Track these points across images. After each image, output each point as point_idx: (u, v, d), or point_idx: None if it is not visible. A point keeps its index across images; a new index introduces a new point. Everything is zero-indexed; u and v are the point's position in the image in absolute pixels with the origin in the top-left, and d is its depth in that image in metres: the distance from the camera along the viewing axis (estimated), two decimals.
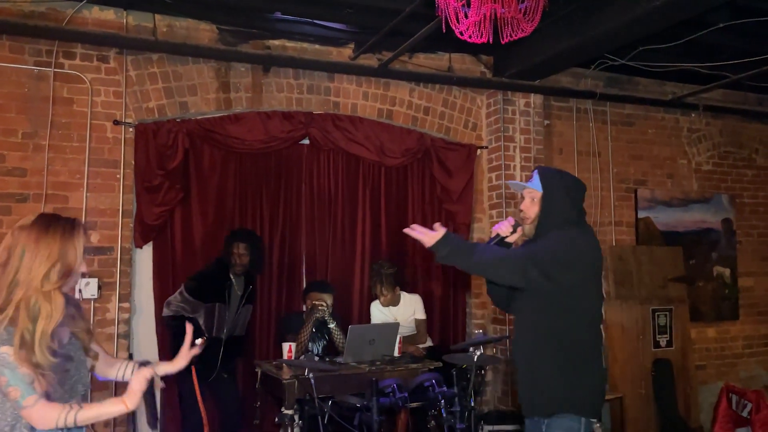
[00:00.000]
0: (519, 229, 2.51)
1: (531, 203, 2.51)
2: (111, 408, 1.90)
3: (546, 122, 5.49)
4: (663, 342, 5.30)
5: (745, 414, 4.44)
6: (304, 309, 4.42)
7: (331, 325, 4.27)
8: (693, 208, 6.02)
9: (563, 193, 2.49)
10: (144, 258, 4.42)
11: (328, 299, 4.29)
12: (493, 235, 2.53)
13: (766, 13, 4.28)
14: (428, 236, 2.41)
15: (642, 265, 5.48)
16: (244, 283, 4.31)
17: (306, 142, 4.83)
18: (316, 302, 4.23)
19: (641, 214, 5.81)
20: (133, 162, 4.33)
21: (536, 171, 2.56)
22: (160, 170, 4.31)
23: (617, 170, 5.79)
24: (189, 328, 2.24)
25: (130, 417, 4.17)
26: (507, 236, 2.50)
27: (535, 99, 5.35)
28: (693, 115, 6.08)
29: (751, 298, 6.25)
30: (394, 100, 5.07)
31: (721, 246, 6.12)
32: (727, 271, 6.12)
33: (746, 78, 5.29)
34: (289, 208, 4.78)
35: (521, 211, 2.54)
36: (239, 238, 4.28)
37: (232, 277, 4.26)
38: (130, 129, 4.32)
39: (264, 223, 4.69)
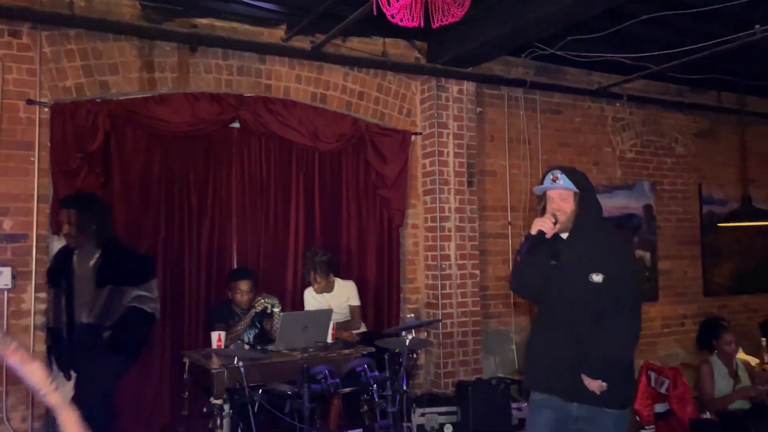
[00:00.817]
0: (557, 225, 2.66)
1: (563, 201, 2.68)
2: None
3: (478, 109, 5.56)
4: None
5: (663, 390, 4.65)
6: (230, 297, 4.31)
7: (276, 310, 4.19)
8: (617, 194, 6.26)
9: (592, 190, 2.76)
10: (62, 246, 4.19)
11: (244, 285, 4.21)
12: (534, 232, 2.64)
13: (686, 5, 4.47)
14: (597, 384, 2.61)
15: None
16: (98, 258, 3.66)
17: (236, 125, 4.69)
18: (256, 303, 4.13)
19: None
20: (48, 144, 4.08)
21: (560, 171, 2.70)
22: (79, 153, 4.09)
23: (546, 157, 5.93)
24: None
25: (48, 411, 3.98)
26: (548, 232, 2.65)
27: (468, 86, 5.41)
28: (617, 104, 6.30)
29: (670, 281, 6.58)
30: (327, 84, 5.00)
31: (643, 231, 6.40)
32: (647, 255, 6.41)
33: (667, 69, 5.52)
34: (219, 194, 4.65)
35: (557, 210, 2.68)
36: (65, 204, 3.72)
37: (74, 254, 3.71)
38: (45, 109, 4.07)
39: (192, 209, 4.54)
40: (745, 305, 7.05)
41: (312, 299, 4.58)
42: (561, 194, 2.68)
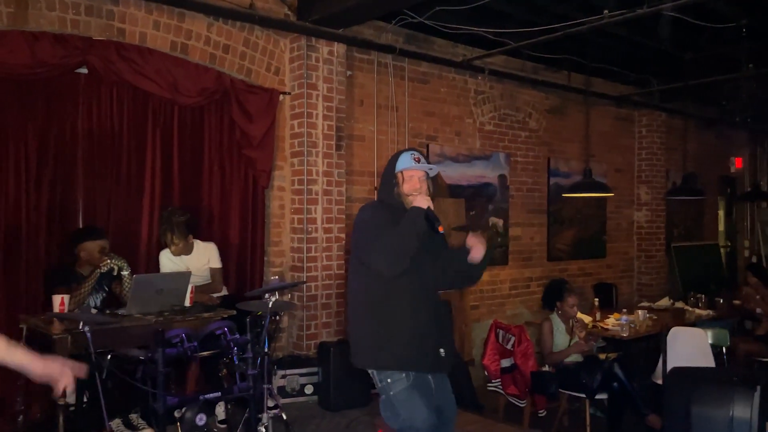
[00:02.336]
0: None
1: (423, 183, 2.73)
2: None
3: (349, 73, 5.53)
4: None
5: (509, 346, 5.03)
6: (78, 258, 3.98)
7: (125, 273, 3.93)
8: (475, 164, 6.58)
9: None
10: None
11: (105, 245, 3.92)
12: (426, 206, 2.59)
13: None
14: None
15: None
16: None
17: (84, 71, 4.27)
18: (102, 264, 3.83)
19: None
20: None
21: (420, 154, 2.77)
22: None
23: (412, 125, 6.07)
24: None
25: None
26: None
27: (339, 48, 5.34)
28: (479, 77, 6.57)
29: (519, 246, 7.08)
30: (189, 34, 4.69)
31: (497, 199, 6.80)
32: (500, 222, 6.84)
33: (524, 46, 5.83)
34: (63, 146, 4.22)
35: (420, 190, 2.69)
36: None
37: None
38: None
39: (30, 161, 4.09)
40: (582, 269, 7.80)
41: (168, 262, 4.36)
42: (421, 175, 2.74)
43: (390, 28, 5.74)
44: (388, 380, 2.60)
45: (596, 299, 6.30)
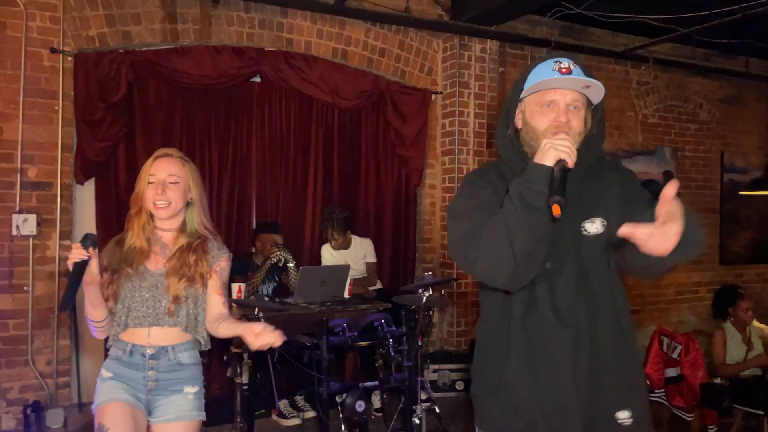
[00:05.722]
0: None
1: (575, 112, 1.52)
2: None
3: (501, 69, 5.48)
4: None
5: (674, 356, 4.68)
6: (254, 250, 4.38)
7: (291, 265, 4.25)
8: (637, 159, 6.20)
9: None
10: (86, 194, 4.26)
11: (279, 240, 4.27)
12: (551, 162, 1.40)
13: None
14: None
15: None
16: None
17: (257, 79, 4.68)
18: (272, 255, 4.17)
19: None
20: (72, 93, 4.10)
21: (571, 62, 1.53)
22: (102, 103, 4.10)
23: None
24: None
25: None
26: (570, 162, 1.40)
27: (491, 45, 5.32)
28: (643, 67, 6.17)
29: None
30: (349, 40, 4.94)
31: None
32: None
33: (695, 32, 5.38)
34: (239, 148, 4.66)
35: (562, 125, 1.51)
36: None
37: None
38: (69, 58, 4.07)
39: (213, 162, 4.57)
40: (761, 275, 7.03)
41: (329, 255, 4.63)
42: (574, 98, 1.51)
43: (545, 21, 5.59)
44: None
45: None
